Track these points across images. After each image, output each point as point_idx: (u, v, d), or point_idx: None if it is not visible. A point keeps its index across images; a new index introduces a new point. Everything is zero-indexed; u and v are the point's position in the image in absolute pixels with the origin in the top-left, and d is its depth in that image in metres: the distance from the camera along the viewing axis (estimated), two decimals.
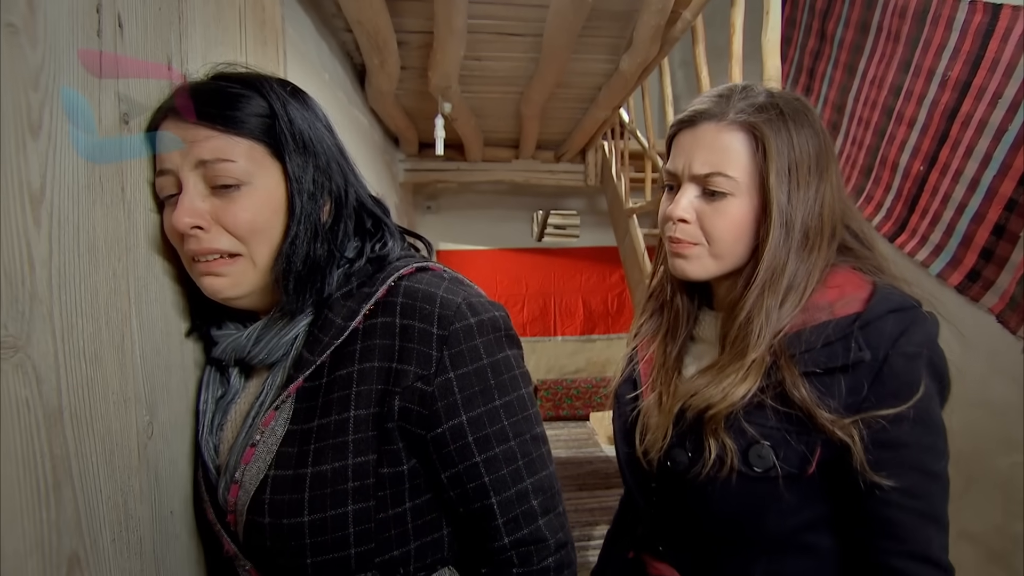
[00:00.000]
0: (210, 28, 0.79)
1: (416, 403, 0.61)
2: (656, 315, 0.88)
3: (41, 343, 0.48)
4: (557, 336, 5.91)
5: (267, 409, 0.64)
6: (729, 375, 0.70)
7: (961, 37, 1.84)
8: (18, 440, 0.45)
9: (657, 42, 2.30)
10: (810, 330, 0.68)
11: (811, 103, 0.74)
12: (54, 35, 0.49)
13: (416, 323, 0.62)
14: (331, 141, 0.70)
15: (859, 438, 0.64)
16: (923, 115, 2.01)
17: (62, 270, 0.50)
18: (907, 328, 0.65)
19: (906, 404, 0.63)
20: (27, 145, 0.46)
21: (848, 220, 0.75)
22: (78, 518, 0.51)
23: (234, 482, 0.63)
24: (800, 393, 0.66)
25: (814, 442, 0.66)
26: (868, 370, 0.65)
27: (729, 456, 0.68)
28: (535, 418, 0.66)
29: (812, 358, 0.67)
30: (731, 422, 0.69)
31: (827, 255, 0.71)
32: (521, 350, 0.68)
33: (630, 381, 0.86)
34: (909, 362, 0.64)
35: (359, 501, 0.60)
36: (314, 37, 2.01)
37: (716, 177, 0.71)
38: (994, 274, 1.72)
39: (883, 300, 0.67)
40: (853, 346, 0.65)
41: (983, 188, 1.76)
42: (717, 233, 0.73)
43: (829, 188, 0.72)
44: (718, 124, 0.72)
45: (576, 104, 3.27)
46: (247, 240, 0.63)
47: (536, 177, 4.55)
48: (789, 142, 0.70)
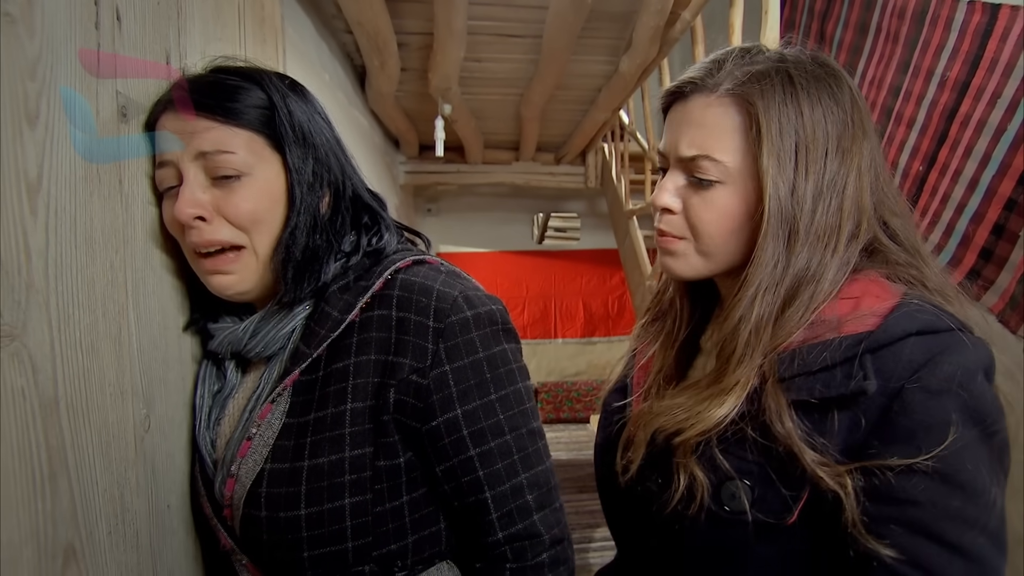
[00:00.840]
0: (209, 24, 0.79)
1: (411, 396, 0.61)
2: (660, 318, 0.77)
3: (37, 332, 0.48)
4: (558, 339, 5.91)
5: (263, 402, 0.64)
6: (706, 397, 0.59)
7: (960, 37, 1.85)
8: (14, 429, 0.45)
9: (656, 43, 2.30)
10: (808, 348, 0.55)
11: (841, 67, 0.61)
12: (52, 26, 0.49)
13: (412, 316, 0.62)
14: (329, 134, 0.71)
15: (854, 490, 0.51)
16: (922, 115, 2.01)
17: (59, 260, 0.50)
18: (935, 356, 0.51)
19: (923, 454, 0.49)
20: (24, 134, 0.46)
21: (886, 215, 0.61)
22: (74, 509, 0.51)
23: (230, 476, 0.63)
24: (783, 426, 0.53)
25: (801, 486, 0.54)
26: (873, 406, 0.52)
27: (699, 491, 0.57)
28: (532, 412, 0.65)
29: (806, 384, 0.54)
30: (703, 452, 0.58)
31: (846, 257, 0.58)
32: (519, 344, 0.68)
33: (621, 389, 0.76)
34: (931, 400, 0.50)
35: (356, 494, 0.60)
36: (314, 38, 2.02)
37: (702, 161, 0.60)
38: (994, 274, 1.72)
39: (905, 318, 0.53)
40: (857, 372, 0.52)
41: (982, 188, 1.76)
42: (703, 227, 0.62)
43: (854, 175, 0.58)
44: (707, 97, 0.61)
45: (576, 106, 3.27)
46: (249, 230, 0.63)
47: (536, 179, 4.56)
48: (796, 117, 0.57)
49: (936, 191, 1.93)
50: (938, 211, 1.92)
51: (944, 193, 1.90)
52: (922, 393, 0.50)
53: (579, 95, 3.09)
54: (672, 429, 0.60)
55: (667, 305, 0.76)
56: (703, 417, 0.57)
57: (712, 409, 0.57)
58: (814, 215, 0.58)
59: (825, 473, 0.51)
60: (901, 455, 0.50)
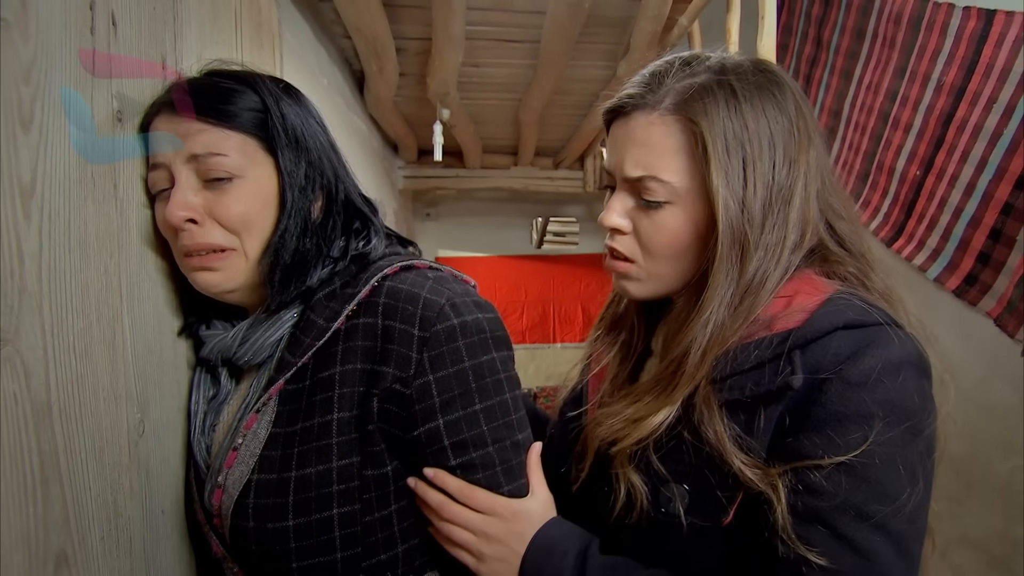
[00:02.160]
0: (205, 29, 0.79)
1: (395, 405, 0.60)
2: (614, 328, 0.75)
3: (30, 337, 0.47)
4: (556, 343, 5.90)
5: (249, 412, 0.63)
6: (643, 407, 0.58)
7: (956, 43, 1.85)
8: (5, 434, 0.45)
9: (654, 48, 2.31)
10: (740, 348, 0.55)
11: (784, 72, 0.61)
12: (46, 31, 0.50)
13: (397, 324, 0.61)
14: (324, 138, 0.71)
15: (787, 495, 0.50)
16: (919, 120, 2.01)
17: (52, 265, 0.50)
18: (860, 350, 0.51)
19: (834, 444, 0.49)
20: (18, 139, 0.46)
21: (832, 219, 0.61)
22: (66, 515, 0.51)
23: (218, 486, 0.63)
24: (713, 430, 0.53)
25: (735, 487, 0.53)
26: (796, 398, 0.52)
27: (638, 497, 0.57)
28: (519, 423, 0.64)
29: (737, 384, 0.54)
30: (640, 459, 0.58)
31: (786, 264, 0.57)
32: (510, 351, 0.66)
33: (576, 398, 0.75)
34: (849, 391, 0.50)
35: (344, 504, 0.59)
36: (312, 43, 2.02)
37: (648, 182, 0.59)
38: (991, 278, 1.72)
39: (832, 313, 0.53)
40: (784, 368, 0.52)
41: (979, 192, 1.76)
42: (654, 248, 0.61)
43: (801, 183, 0.57)
44: (649, 115, 0.59)
45: (574, 111, 3.28)
46: (239, 232, 0.63)
47: (535, 184, 4.56)
48: (741, 131, 0.56)
49: (933, 195, 1.94)
50: (935, 216, 1.92)
51: (941, 197, 1.90)
52: (840, 384, 0.50)
53: (577, 100, 3.09)
54: (610, 439, 0.60)
55: (622, 314, 0.75)
56: (638, 426, 0.57)
57: (647, 418, 0.57)
58: (763, 229, 0.57)
59: (755, 476, 0.51)
60: (812, 443, 0.50)
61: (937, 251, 1.92)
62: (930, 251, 1.95)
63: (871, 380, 0.50)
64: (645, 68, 0.63)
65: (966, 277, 1.81)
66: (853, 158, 2.37)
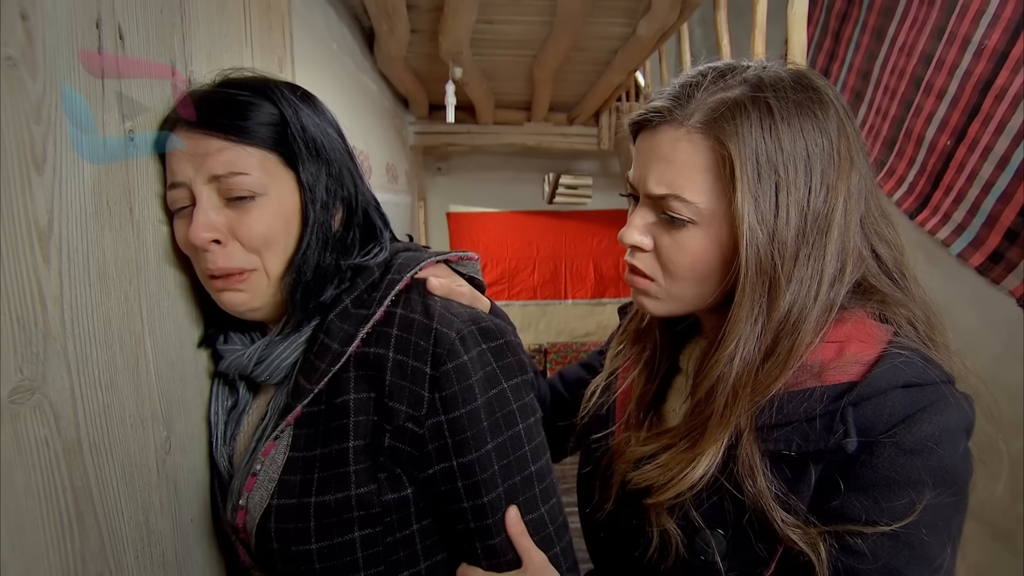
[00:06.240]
0: (214, 22, 0.76)
1: (407, 443, 0.60)
2: (637, 340, 0.73)
3: (57, 379, 0.48)
4: (568, 299, 5.91)
5: (268, 438, 0.64)
6: (681, 458, 0.56)
7: (1001, 3, 1.74)
8: (39, 478, 0.46)
9: (677, 7, 2.20)
10: (788, 397, 0.52)
11: (830, 84, 0.57)
12: (54, 62, 0.47)
13: (410, 360, 0.60)
14: (341, 146, 0.69)
15: (828, 554, 0.49)
16: (954, 86, 1.92)
17: (74, 303, 0.50)
18: (916, 412, 0.49)
19: (879, 508, 0.48)
20: (32, 181, 0.45)
21: (875, 244, 0.57)
22: (102, 543, 0.52)
23: (240, 507, 0.64)
24: (755, 485, 0.51)
25: (776, 540, 0.52)
26: (845, 458, 0.50)
27: (672, 543, 0.56)
28: (531, 455, 0.62)
29: (784, 436, 0.52)
30: (677, 510, 0.57)
31: (828, 301, 0.54)
32: (524, 375, 0.65)
33: (601, 417, 0.72)
34: (901, 457, 0.48)
35: (366, 527, 0.60)
36: (322, 5, 1.95)
37: (672, 201, 0.56)
38: (1018, 256, 1.68)
39: (893, 370, 0.50)
40: (838, 427, 0.50)
41: (1013, 166, 1.70)
42: (674, 269, 0.58)
43: (840, 212, 0.53)
44: (676, 130, 0.56)
45: (590, 67, 3.17)
46: (260, 251, 0.62)
47: (548, 140, 4.46)
48: (776, 154, 0.52)
49: (963, 168, 1.87)
50: (964, 188, 1.86)
51: (972, 170, 1.83)
52: (893, 449, 0.48)
53: (594, 57, 2.98)
54: (643, 486, 0.58)
55: (644, 329, 0.73)
56: (676, 480, 0.55)
57: (686, 471, 0.55)
58: (796, 260, 0.53)
59: (797, 536, 0.50)
60: (859, 506, 0.49)
61: (963, 226, 1.87)
62: (955, 225, 1.89)
63: (926, 448, 0.48)
64: (677, 78, 0.60)
65: (991, 254, 1.76)
66: (880, 123, 2.28)
